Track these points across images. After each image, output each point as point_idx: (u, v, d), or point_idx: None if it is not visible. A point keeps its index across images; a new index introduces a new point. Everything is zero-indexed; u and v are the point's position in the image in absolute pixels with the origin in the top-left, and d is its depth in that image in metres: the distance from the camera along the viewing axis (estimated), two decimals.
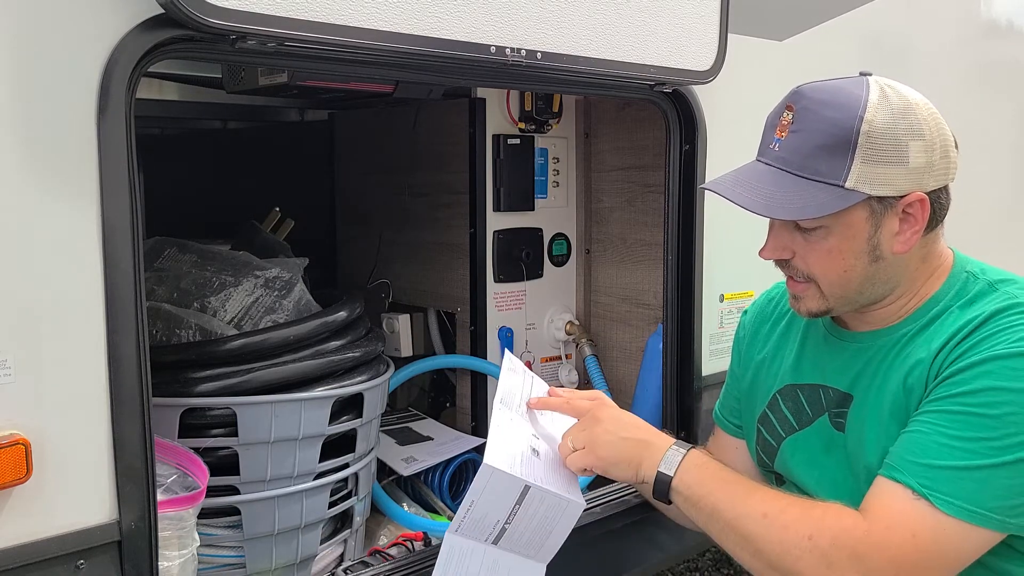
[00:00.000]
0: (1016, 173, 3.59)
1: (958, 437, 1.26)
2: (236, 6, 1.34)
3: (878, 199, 1.33)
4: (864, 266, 1.38)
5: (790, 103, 1.37)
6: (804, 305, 1.45)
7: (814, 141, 1.33)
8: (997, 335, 1.30)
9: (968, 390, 1.28)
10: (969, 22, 3.30)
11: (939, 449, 1.27)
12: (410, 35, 1.56)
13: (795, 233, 1.40)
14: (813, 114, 1.33)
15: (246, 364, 1.82)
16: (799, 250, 1.41)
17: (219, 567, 1.85)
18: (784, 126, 1.36)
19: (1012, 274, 1.44)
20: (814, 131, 1.33)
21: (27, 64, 1.25)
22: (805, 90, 1.37)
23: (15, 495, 1.28)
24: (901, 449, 1.32)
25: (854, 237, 1.36)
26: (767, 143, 1.40)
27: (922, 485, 1.26)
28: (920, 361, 1.36)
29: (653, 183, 2.54)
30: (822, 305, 1.43)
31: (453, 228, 2.57)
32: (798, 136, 1.34)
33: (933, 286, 1.43)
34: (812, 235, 1.38)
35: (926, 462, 1.27)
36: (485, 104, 2.48)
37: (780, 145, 1.36)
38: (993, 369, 1.27)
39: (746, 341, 1.73)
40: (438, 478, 2.40)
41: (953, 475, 1.25)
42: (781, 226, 1.42)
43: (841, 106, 1.33)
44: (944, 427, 1.28)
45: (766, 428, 1.62)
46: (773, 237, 1.44)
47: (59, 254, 1.30)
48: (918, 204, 1.35)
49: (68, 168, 1.30)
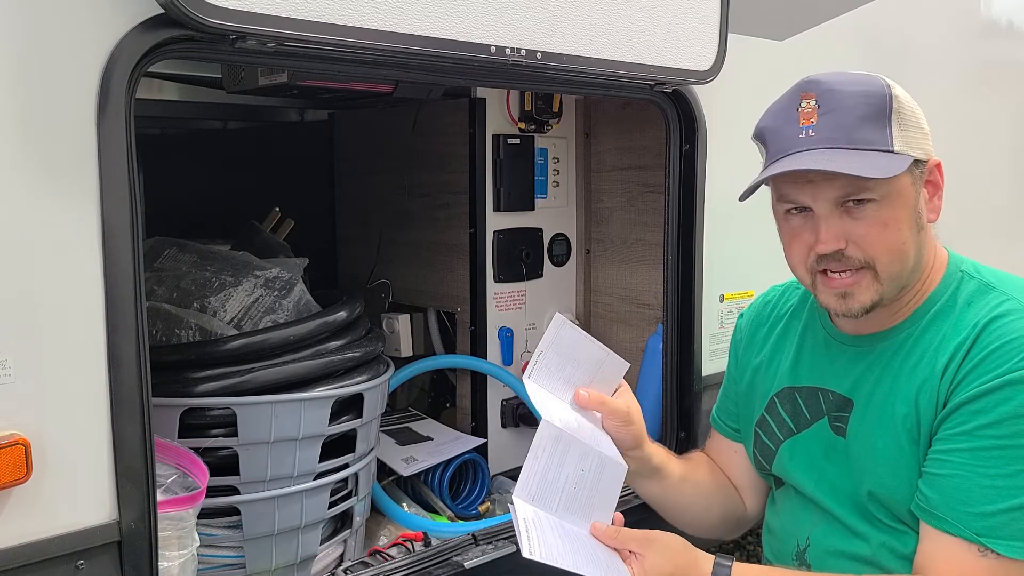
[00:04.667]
0: (1015, 172, 3.59)
1: (999, 475, 1.26)
2: (236, 6, 1.34)
3: (916, 163, 1.35)
4: (914, 237, 1.37)
5: (805, 92, 1.36)
6: (857, 300, 1.37)
7: (854, 114, 1.33)
8: (1000, 352, 1.29)
9: (992, 420, 1.27)
10: (969, 22, 3.30)
11: (985, 492, 1.27)
12: (410, 35, 1.56)
13: (844, 219, 1.35)
14: (841, 92, 1.34)
15: (246, 364, 1.82)
16: (852, 234, 1.35)
17: (219, 567, 1.85)
18: (809, 113, 1.35)
19: (1005, 273, 1.43)
20: (850, 107, 1.33)
21: (27, 64, 1.25)
22: (818, 77, 1.37)
23: (15, 495, 1.28)
24: (946, 497, 1.30)
25: (904, 205, 1.35)
26: (790, 136, 1.36)
27: (981, 535, 1.26)
28: (928, 378, 1.35)
29: (653, 183, 2.54)
30: (876, 293, 1.37)
31: (453, 228, 2.57)
32: (834, 115, 1.33)
33: (930, 285, 1.43)
34: (863, 211, 1.34)
35: (978, 510, 1.27)
36: (485, 104, 2.48)
37: (814, 129, 1.34)
38: (1012, 395, 1.26)
39: (743, 345, 1.72)
40: (438, 478, 2.40)
41: (1008, 517, 1.25)
42: (829, 215, 1.36)
43: (865, 81, 1.36)
44: (982, 467, 1.27)
45: (764, 431, 1.61)
46: (825, 227, 1.35)
47: (59, 254, 1.30)
48: (936, 169, 1.39)
49: (68, 168, 1.30)
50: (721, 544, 2.86)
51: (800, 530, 1.54)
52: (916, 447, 1.36)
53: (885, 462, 1.38)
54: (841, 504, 1.46)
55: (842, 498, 1.46)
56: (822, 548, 1.49)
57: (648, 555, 1.36)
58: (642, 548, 1.37)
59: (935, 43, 3.07)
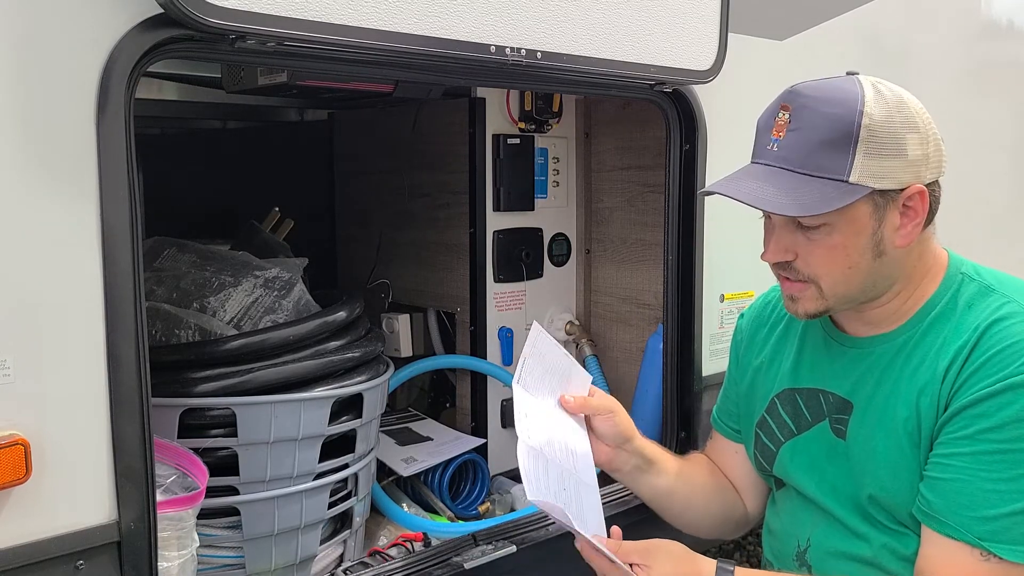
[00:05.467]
0: (1015, 172, 3.59)
1: (1001, 479, 1.26)
2: (236, 6, 1.34)
3: (880, 193, 1.32)
4: (868, 263, 1.37)
5: (785, 103, 1.36)
6: (801, 307, 1.43)
7: (816, 137, 1.32)
8: (1001, 356, 1.29)
9: (992, 425, 1.27)
10: (968, 22, 3.30)
11: (987, 496, 1.26)
12: (410, 35, 1.56)
13: (797, 233, 1.38)
14: (812, 112, 1.33)
15: (246, 364, 1.82)
16: (801, 251, 1.38)
17: (219, 567, 1.85)
18: (781, 126, 1.35)
19: (1005, 274, 1.43)
20: (814, 128, 1.32)
21: (27, 64, 1.25)
22: (800, 89, 1.36)
23: (15, 495, 1.28)
24: (947, 501, 1.30)
25: (858, 233, 1.35)
26: (763, 145, 1.38)
27: (983, 540, 1.26)
28: (929, 381, 1.35)
29: (653, 183, 2.54)
30: (820, 306, 1.41)
31: (453, 228, 2.57)
32: (798, 134, 1.33)
33: (930, 287, 1.43)
34: (815, 233, 1.36)
35: (980, 514, 1.27)
36: (485, 104, 2.48)
37: (779, 145, 1.35)
38: (1014, 399, 1.26)
39: (743, 345, 1.72)
40: (438, 478, 2.40)
41: (1010, 521, 1.25)
42: (783, 227, 1.39)
43: (840, 102, 1.32)
44: (984, 471, 1.27)
45: (764, 432, 1.61)
46: (775, 239, 1.41)
47: (59, 254, 1.30)
48: (918, 196, 1.35)
49: (67, 168, 1.30)
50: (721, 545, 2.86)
51: (801, 531, 1.54)
52: (917, 450, 1.35)
53: (885, 465, 1.38)
54: (842, 505, 1.46)
55: (843, 499, 1.46)
56: (823, 549, 1.49)
57: (654, 565, 1.36)
58: (645, 559, 1.37)
59: (935, 43, 3.07)
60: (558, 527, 1.94)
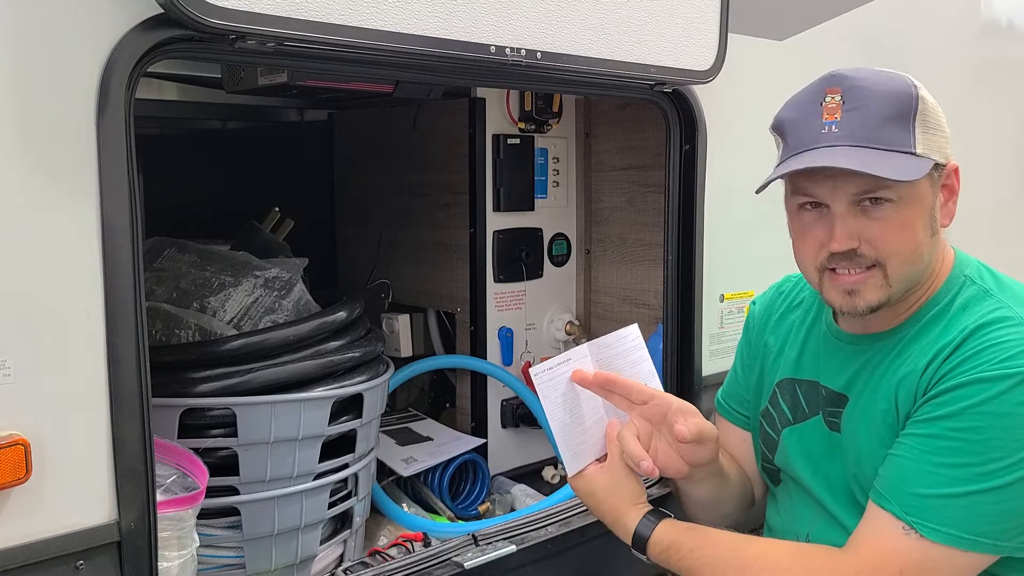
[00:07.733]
0: (1015, 172, 3.59)
1: (943, 464, 1.27)
2: (236, 6, 1.34)
3: (935, 167, 1.34)
4: (928, 241, 1.36)
5: (831, 87, 1.35)
6: (862, 299, 1.37)
7: (880, 113, 1.31)
8: (980, 354, 1.29)
9: (951, 412, 1.28)
10: (968, 21, 3.30)
11: (924, 476, 1.28)
12: (410, 35, 1.56)
13: (860, 217, 1.34)
14: (868, 90, 1.33)
15: (246, 364, 1.82)
16: (867, 234, 1.34)
17: (219, 567, 1.85)
18: (833, 108, 1.34)
19: (1010, 279, 1.43)
20: (876, 104, 1.32)
21: (26, 64, 1.25)
22: (846, 72, 1.36)
23: (15, 495, 1.28)
24: (889, 474, 1.32)
25: (921, 208, 1.34)
26: (815, 130, 1.34)
27: (909, 514, 1.27)
28: (909, 374, 1.36)
29: (653, 183, 2.54)
30: (883, 294, 1.36)
31: (453, 228, 2.57)
32: (861, 112, 1.32)
33: (932, 288, 1.43)
34: (881, 211, 1.33)
35: (913, 490, 1.28)
36: (485, 104, 2.48)
37: (838, 126, 1.33)
38: (975, 392, 1.26)
39: (756, 331, 1.72)
40: (438, 478, 2.40)
41: (939, 503, 1.26)
42: (845, 213, 1.35)
43: (892, 79, 1.35)
44: (929, 453, 1.28)
45: (767, 421, 1.63)
46: (840, 225, 1.34)
47: (59, 254, 1.30)
48: (954, 174, 1.38)
49: (68, 168, 1.29)
50: None
51: (800, 526, 1.54)
52: (895, 438, 1.36)
53: (869, 457, 1.39)
54: (836, 499, 1.47)
55: (837, 493, 1.47)
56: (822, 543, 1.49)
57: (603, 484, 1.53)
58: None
59: (935, 43, 3.06)
60: (558, 527, 1.95)
